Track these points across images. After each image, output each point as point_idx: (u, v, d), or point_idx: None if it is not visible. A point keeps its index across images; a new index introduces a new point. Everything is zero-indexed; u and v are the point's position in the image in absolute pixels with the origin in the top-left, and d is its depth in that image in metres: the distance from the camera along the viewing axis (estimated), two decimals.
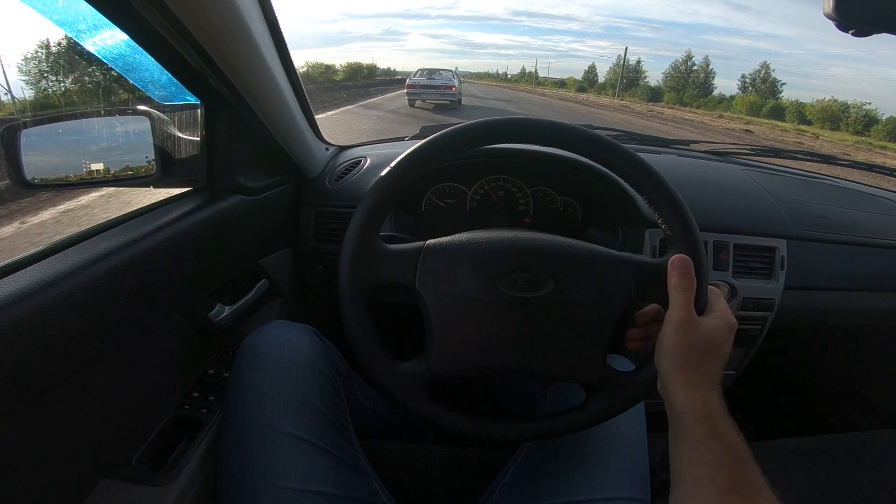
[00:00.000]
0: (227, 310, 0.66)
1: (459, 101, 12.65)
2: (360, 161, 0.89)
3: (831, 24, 0.45)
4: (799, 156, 1.08)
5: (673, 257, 0.46)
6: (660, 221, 0.48)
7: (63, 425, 0.46)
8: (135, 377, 0.55)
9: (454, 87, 12.21)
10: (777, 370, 1.33)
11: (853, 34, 0.52)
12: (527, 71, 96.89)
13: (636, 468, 0.56)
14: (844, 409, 1.22)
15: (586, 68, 73.26)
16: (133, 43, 0.49)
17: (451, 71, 13.79)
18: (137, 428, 0.57)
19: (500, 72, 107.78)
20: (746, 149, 1.11)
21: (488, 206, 0.89)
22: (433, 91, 11.99)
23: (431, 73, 13.16)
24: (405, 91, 12.29)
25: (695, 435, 0.39)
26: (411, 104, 12.15)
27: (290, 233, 0.83)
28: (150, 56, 0.51)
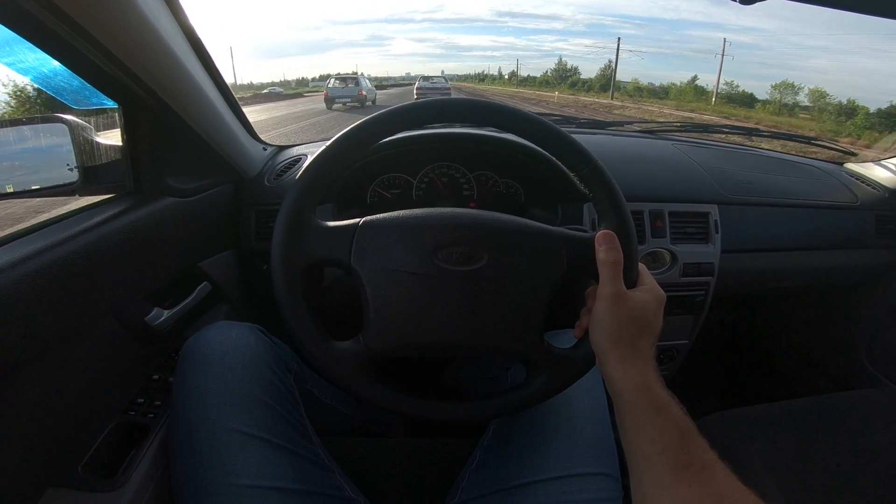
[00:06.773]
0: (167, 314, 0.65)
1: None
2: (300, 159, 0.89)
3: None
4: (725, 130, 1.15)
5: (598, 233, 0.46)
6: (590, 197, 0.49)
7: None
8: (72, 384, 0.53)
9: (449, 88, 21.33)
10: (734, 340, 1.38)
11: (741, 2, 0.57)
12: (568, 67, 66.77)
13: (601, 443, 0.56)
14: (804, 374, 1.26)
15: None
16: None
17: (441, 77, 24.46)
18: (81, 436, 0.55)
19: (491, 72, 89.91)
20: (676, 126, 1.17)
21: (434, 193, 0.90)
22: (436, 91, 18.80)
23: (428, 79, 21.52)
24: (414, 92, 19.50)
25: (637, 410, 0.40)
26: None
27: (231, 234, 0.82)
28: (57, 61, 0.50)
